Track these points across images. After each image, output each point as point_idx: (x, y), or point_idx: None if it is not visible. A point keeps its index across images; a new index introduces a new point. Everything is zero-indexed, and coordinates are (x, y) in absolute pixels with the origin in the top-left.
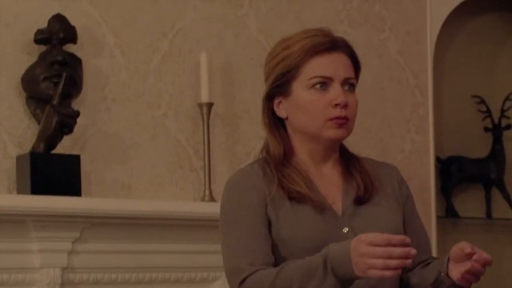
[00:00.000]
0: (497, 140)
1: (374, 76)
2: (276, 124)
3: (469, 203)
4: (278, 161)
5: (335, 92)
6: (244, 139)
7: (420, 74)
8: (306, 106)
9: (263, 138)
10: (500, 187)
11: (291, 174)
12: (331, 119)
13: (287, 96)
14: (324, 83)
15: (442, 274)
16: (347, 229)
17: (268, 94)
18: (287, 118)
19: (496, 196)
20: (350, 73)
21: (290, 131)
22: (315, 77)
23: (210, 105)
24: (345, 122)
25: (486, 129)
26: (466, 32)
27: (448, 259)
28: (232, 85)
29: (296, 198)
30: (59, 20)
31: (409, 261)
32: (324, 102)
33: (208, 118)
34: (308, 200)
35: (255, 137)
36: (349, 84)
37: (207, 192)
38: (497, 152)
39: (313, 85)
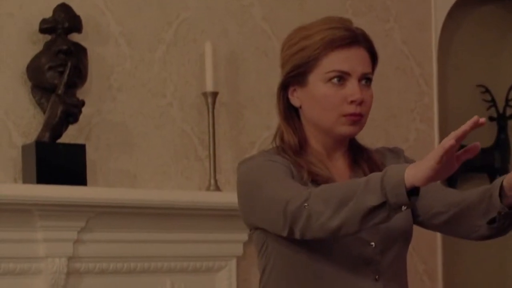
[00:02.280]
0: (502, 130)
1: (379, 66)
2: (291, 112)
3: None
4: (295, 150)
5: (352, 88)
6: (249, 128)
7: (424, 63)
8: (321, 99)
9: (268, 128)
10: None
11: (311, 159)
12: (345, 115)
13: (303, 86)
14: (342, 77)
15: (502, 213)
16: None
17: (283, 83)
18: (300, 107)
19: None
20: (367, 68)
21: (303, 120)
22: (333, 71)
23: (215, 95)
24: (359, 119)
25: (491, 119)
26: (470, 22)
27: (500, 193)
28: (237, 75)
29: (319, 181)
30: (64, 9)
31: (466, 126)
32: (340, 97)
33: (213, 108)
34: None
35: (260, 126)
36: (366, 79)
37: (212, 181)
38: (502, 142)
39: (330, 79)
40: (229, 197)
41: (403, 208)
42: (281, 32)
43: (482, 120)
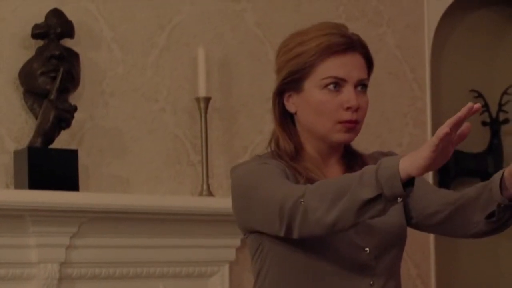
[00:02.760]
0: (495, 135)
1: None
2: (286, 118)
3: None
4: (291, 155)
5: (348, 94)
6: (241, 133)
7: (417, 68)
8: (317, 106)
9: (261, 132)
10: None
11: (307, 165)
12: (341, 122)
13: (299, 93)
14: (337, 83)
15: (502, 205)
16: None
17: (279, 89)
18: (296, 113)
19: None
20: (363, 75)
21: (298, 126)
22: (329, 77)
23: (207, 99)
24: (354, 126)
25: (484, 123)
26: (464, 26)
27: (501, 185)
28: (230, 79)
29: None
30: (56, 14)
31: (461, 113)
32: (336, 104)
33: (206, 112)
34: None
35: (253, 131)
36: (362, 85)
37: (204, 187)
38: (495, 147)
39: (326, 85)
40: (221, 202)
41: (399, 199)
42: (274, 37)
43: (477, 106)
